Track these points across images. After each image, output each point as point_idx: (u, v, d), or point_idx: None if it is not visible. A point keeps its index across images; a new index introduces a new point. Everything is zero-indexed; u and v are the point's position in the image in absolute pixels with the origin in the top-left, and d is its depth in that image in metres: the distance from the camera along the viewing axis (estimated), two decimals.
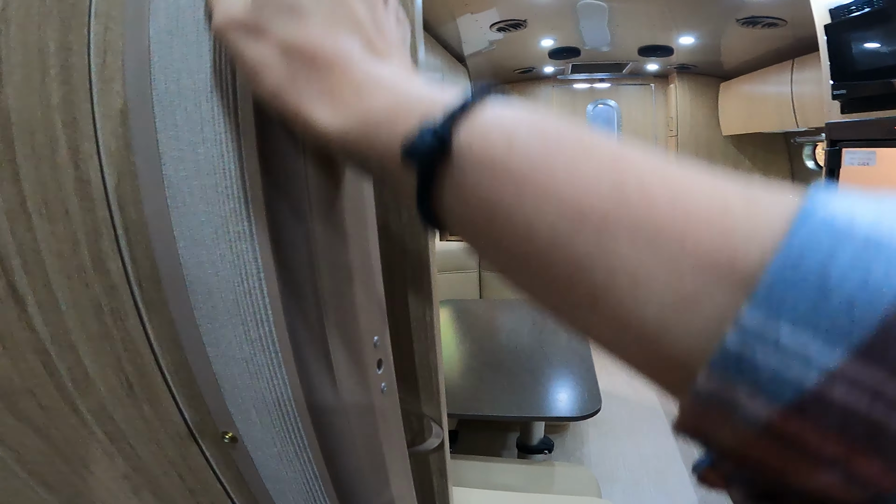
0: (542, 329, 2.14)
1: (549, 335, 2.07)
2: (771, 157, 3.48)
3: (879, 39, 1.34)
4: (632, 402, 2.82)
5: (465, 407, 1.53)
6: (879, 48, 1.35)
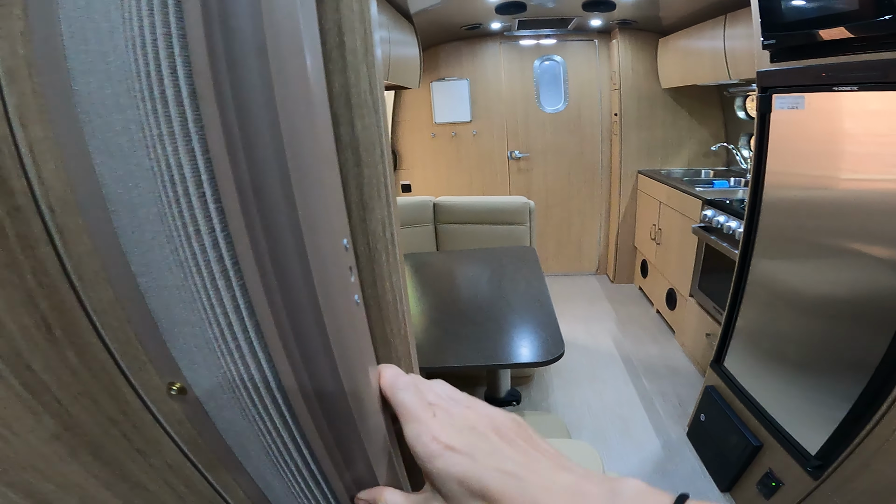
0: (500, 278, 2.16)
1: (509, 283, 2.09)
2: (706, 108, 3.62)
3: None
4: (591, 349, 2.93)
5: (430, 360, 1.52)
6: (805, 2, 1.40)
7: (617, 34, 3.49)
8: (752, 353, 1.77)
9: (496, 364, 1.49)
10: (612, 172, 3.87)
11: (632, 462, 2.01)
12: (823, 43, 1.34)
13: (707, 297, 2.50)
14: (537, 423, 1.56)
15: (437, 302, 2.05)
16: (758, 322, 1.75)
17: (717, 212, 2.40)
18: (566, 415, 2.32)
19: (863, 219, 1.25)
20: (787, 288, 1.58)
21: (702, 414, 2.01)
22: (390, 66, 2.33)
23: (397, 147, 3.96)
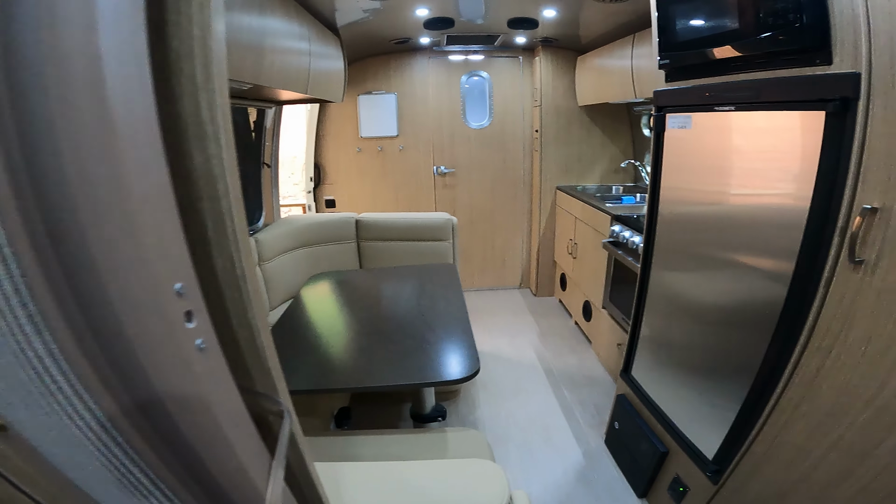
0: (420, 296, 2.14)
1: (428, 301, 2.08)
2: (617, 126, 3.86)
3: (697, 13, 1.49)
4: (515, 362, 2.97)
5: (347, 380, 1.48)
6: (696, 21, 1.50)
7: (540, 51, 3.62)
8: (655, 362, 1.86)
9: (411, 383, 1.47)
10: (533, 188, 3.99)
11: (556, 472, 2.04)
12: (710, 63, 1.43)
13: (617, 309, 2.62)
14: (459, 441, 1.53)
15: (357, 321, 1.99)
16: (658, 331, 1.85)
17: (624, 227, 2.52)
18: (493, 428, 2.32)
19: (745, 231, 1.35)
20: (680, 298, 1.67)
21: (616, 422, 2.08)
22: (310, 79, 2.25)
23: (321, 161, 3.84)
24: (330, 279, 2.47)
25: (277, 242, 2.65)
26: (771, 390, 1.23)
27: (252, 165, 2.82)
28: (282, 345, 1.72)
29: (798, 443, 1.16)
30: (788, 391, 1.18)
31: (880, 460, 0.95)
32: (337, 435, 1.57)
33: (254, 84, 1.76)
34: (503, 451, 2.17)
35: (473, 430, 1.59)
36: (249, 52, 1.59)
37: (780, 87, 1.19)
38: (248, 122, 2.83)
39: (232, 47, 1.46)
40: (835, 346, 1.04)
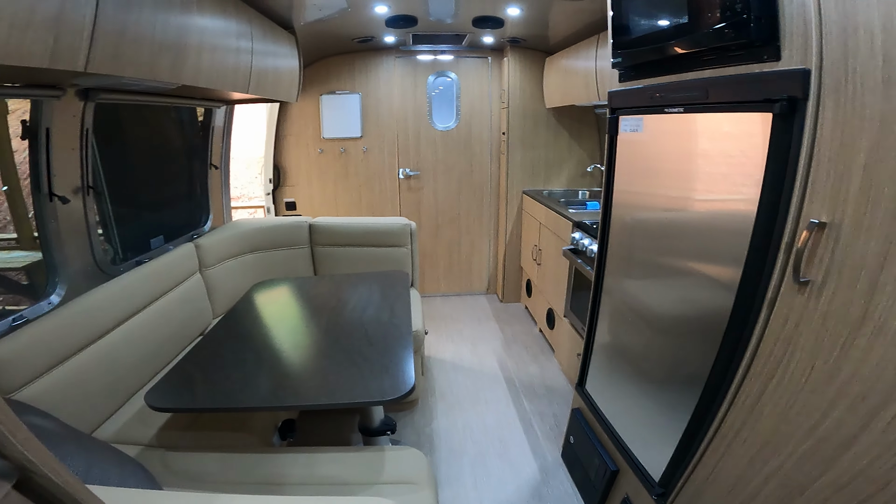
0: (366, 306, 1.99)
1: (373, 312, 1.93)
2: (583, 128, 3.74)
3: (648, 7, 1.37)
4: (476, 370, 2.83)
5: (268, 399, 1.35)
6: (648, 16, 1.38)
7: (508, 52, 3.49)
8: (609, 373, 1.75)
9: (333, 403, 1.35)
10: (500, 191, 3.86)
11: (509, 487, 1.92)
12: (661, 61, 1.32)
13: (577, 318, 2.51)
14: (396, 461, 1.41)
15: (293, 332, 1.84)
16: (612, 341, 1.73)
17: (584, 234, 2.39)
18: (448, 440, 2.18)
19: (695, 237, 1.24)
20: (634, 306, 1.56)
21: (571, 436, 1.96)
22: (251, 78, 2.08)
23: (281, 162, 3.65)
24: (274, 287, 2.30)
25: (222, 247, 2.47)
26: (715, 411, 1.12)
27: (199, 166, 2.63)
28: (206, 357, 1.57)
29: (737, 471, 1.06)
30: (731, 414, 1.08)
31: (819, 494, 0.84)
32: (268, 452, 1.44)
33: (177, 83, 1.59)
34: (457, 465, 2.04)
35: (414, 451, 1.47)
36: (166, 50, 1.43)
37: (727, 86, 1.08)
38: (195, 121, 2.64)
39: (138, 44, 1.30)
40: (777, 371, 0.93)
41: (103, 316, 1.65)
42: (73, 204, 1.65)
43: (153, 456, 1.45)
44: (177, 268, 2.13)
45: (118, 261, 1.97)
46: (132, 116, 2.21)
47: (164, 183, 2.48)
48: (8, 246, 2.63)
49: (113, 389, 1.66)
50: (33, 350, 1.36)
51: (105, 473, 1.04)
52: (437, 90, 3.74)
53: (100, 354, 1.60)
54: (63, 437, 1.11)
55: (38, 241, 1.63)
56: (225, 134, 2.73)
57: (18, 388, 1.30)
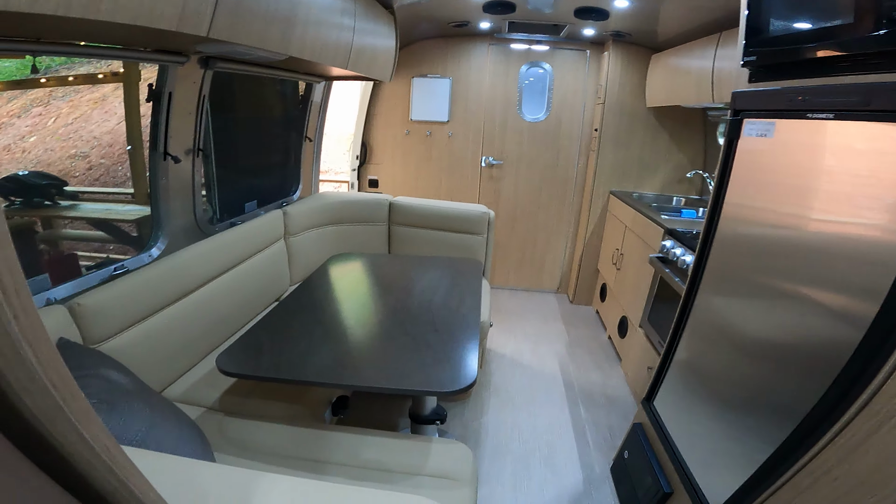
0: (435, 292, 1.97)
1: (441, 298, 1.90)
2: (687, 132, 3.45)
3: (795, 5, 1.20)
4: (535, 370, 2.76)
5: (325, 376, 1.36)
6: (794, 14, 1.22)
7: (609, 46, 3.31)
8: (682, 393, 1.62)
9: (391, 388, 1.31)
10: (585, 189, 3.70)
11: (549, 494, 1.86)
12: (806, 62, 1.16)
13: (654, 330, 2.35)
14: (441, 454, 1.38)
15: (360, 309, 1.88)
16: (694, 359, 1.60)
17: (676, 243, 2.24)
18: (494, 438, 2.15)
19: (819, 263, 1.08)
20: (727, 326, 1.42)
21: (626, 451, 1.85)
22: (352, 54, 2.12)
23: (369, 140, 3.75)
24: (349, 260, 2.37)
25: (307, 217, 2.58)
26: (809, 445, 0.99)
27: (295, 138, 2.76)
28: (276, 326, 1.64)
29: None
30: (827, 451, 0.94)
31: None
32: (317, 428, 1.46)
33: (285, 55, 1.65)
34: (499, 464, 2.00)
35: (461, 446, 1.43)
36: (277, 22, 1.48)
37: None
38: (297, 94, 2.76)
39: (253, 15, 1.35)
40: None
41: (193, 273, 1.76)
42: (182, 164, 1.79)
43: (212, 420, 1.51)
44: (265, 233, 2.25)
45: (215, 221, 2.12)
46: (242, 87, 2.35)
47: (262, 151, 2.63)
48: (125, 200, 2.92)
49: (189, 349, 1.74)
50: (125, 301, 1.46)
51: (163, 435, 1.09)
52: (528, 80, 3.62)
53: (183, 312, 1.69)
54: (134, 393, 1.16)
55: (149, 197, 1.79)
56: (321, 109, 2.83)
57: (104, 340, 1.39)
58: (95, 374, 1.12)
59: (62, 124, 4.83)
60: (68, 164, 4.42)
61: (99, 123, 4.71)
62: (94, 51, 1.35)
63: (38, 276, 1.37)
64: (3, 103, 4.84)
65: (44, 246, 2.82)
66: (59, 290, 1.40)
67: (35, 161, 4.45)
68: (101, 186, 3.87)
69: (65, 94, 5.12)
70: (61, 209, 2.75)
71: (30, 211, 2.71)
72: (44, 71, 3.93)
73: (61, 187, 2.86)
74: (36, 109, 4.93)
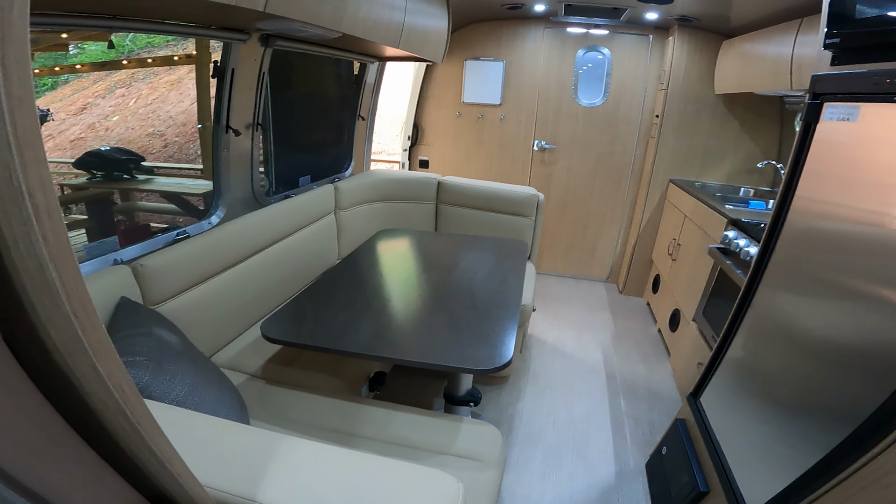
0: (477, 270, 1.96)
1: (483, 277, 1.89)
2: (760, 120, 3.20)
3: None
4: (576, 359, 2.70)
5: (362, 347, 1.35)
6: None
7: (675, 31, 3.13)
8: (732, 391, 1.54)
9: (424, 362, 1.30)
10: (643, 177, 3.54)
11: (577, 485, 1.82)
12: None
13: (708, 324, 2.23)
14: (470, 435, 1.37)
15: (403, 283, 1.89)
16: (748, 357, 1.51)
17: (740, 234, 2.11)
18: (528, 424, 2.13)
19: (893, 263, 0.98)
20: (789, 324, 1.32)
21: (664, 447, 1.78)
22: (403, 34, 2.12)
23: (420, 122, 3.76)
24: (396, 236, 2.40)
25: (357, 192, 2.64)
26: (864, 450, 0.91)
27: (349, 117, 2.82)
28: (320, 295, 1.68)
29: None
30: (883, 456, 0.87)
31: None
32: (352, 401, 1.48)
33: (338, 32, 1.68)
34: (529, 451, 1.98)
35: (491, 428, 1.41)
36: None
37: None
38: (351, 74, 2.81)
39: None
40: None
41: (246, 242, 1.84)
42: (242, 137, 1.88)
43: (253, 387, 1.56)
44: (316, 206, 2.33)
45: (270, 193, 2.22)
46: (301, 67, 2.42)
47: (317, 128, 2.72)
48: (195, 175, 3.12)
49: (238, 316, 1.82)
50: (183, 265, 1.54)
51: (203, 398, 1.12)
52: (587, 66, 3.49)
53: (235, 279, 1.77)
54: (181, 355, 1.19)
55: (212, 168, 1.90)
56: (375, 89, 2.87)
57: (163, 301, 1.47)
58: (149, 332, 1.18)
59: (142, 104, 5.21)
60: (146, 141, 4.77)
61: (174, 104, 5.03)
62: (165, 27, 1.44)
63: (108, 238, 1.49)
64: (89, 85, 5.28)
65: (120, 215, 3.07)
66: (127, 251, 1.52)
67: (117, 138, 4.83)
68: (175, 162, 4.15)
69: (145, 76, 5.50)
70: (137, 182, 2.97)
71: (109, 183, 2.95)
72: (126, 54, 4.24)
73: (139, 162, 3.08)
74: (119, 91, 5.34)
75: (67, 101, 4.84)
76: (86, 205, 2.70)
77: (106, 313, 1.22)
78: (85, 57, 4.00)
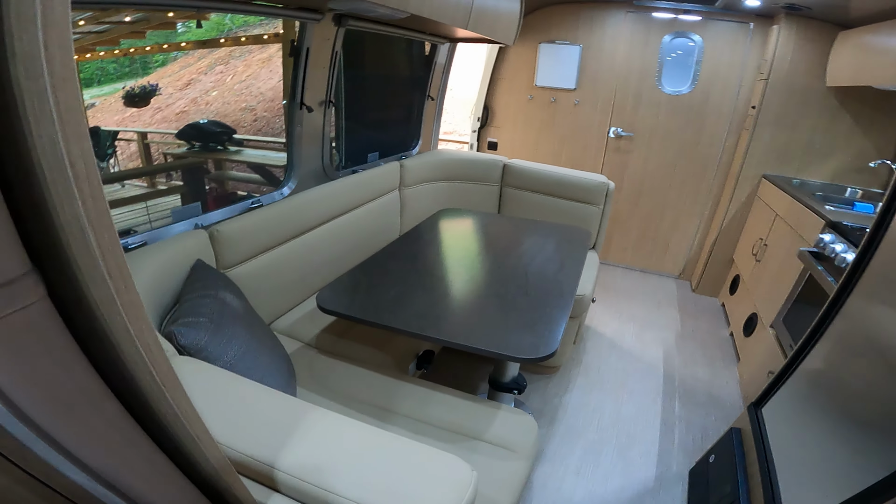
0: (534, 256, 1.90)
1: (538, 263, 1.83)
2: (878, 116, 2.80)
3: None
4: (633, 355, 2.58)
5: (414, 325, 1.34)
6: None
7: (781, 20, 2.81)
8: (800, 404, 1.41)
9: (467, 345, 1.28)
10: (731, 171, 3.25)
11: (612, 485, 1.75)
12: None
13: (787, 332, 2.05)
14: (505, 422, 1.34)
15: (456, 263, 1.87)
16: (822, 369, 1.37)
17: (838, 238, 1.91)
18: (573, 417, 2.08)
19: None
20: (882, 337, 1.17)
21: (713, 454, 1.68)
22: (472, 14, 2.07)
23: (491, 104, 3.70)
24: (456, 216, 2.40)
25: (422, 171, 2.67)
26: None
27: (419, 96, 2.85)
28: (374, 269, 1.72)
29: None
30: None
31: None
32: (394, 377, 1.50)
33: (405, 12, 1.68)
34: (568, 445, 1.93)
35: (528, 418, 1.38)
36: None
37: None
38: (423, 55, 2.82)
39: None
40: None
41: (313, 213, 1.93)
42: (315, 114, 1.97)
43: (306, 355, 1.60)
44: (381, 182, 2.39)
45: (339, 167, 2.31)
46: (373, 46, 2.47)
47: (388, 106, 2.77)
48: (279, 148, 3.33)
49: (301, 284, 1.88)
50: (254, 232, 1.63)
51: (255, 361, 1.15)
52: (676, 53, 3.23)
53: (300, 248, 1.85)
54: (241, 318, 1.22)
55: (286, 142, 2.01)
56: (445, 70, 2.86)
57: (234, 265, 1.57)
58: (215, 295, 1.23)
59: (237, 81, 5.60)
60: (239, 115, 5.14)
61: (265, 81, 5.35)
62: (241, 7, 1.53)
63: (192, 204, 1.63)
64: (194, 61, 5.73)
65: (211, 183, 3.36)
66: (208, 216, 1.65)
67: (214, 112, 5.25)
68: (262, 135, 4.45)
69: (241, 54, 5.89)
70: (228, 153, 3.22)
71: (204, 153, 3.23)
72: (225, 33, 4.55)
73: (230, 134, 3.34)
74: (218, 68, 5.77)
75: (175, 77, 5.33)
76: (181, 172, 2.98)
77: (182, 273, 1.33)
78: (191, 35, 4.36)
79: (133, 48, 3.10)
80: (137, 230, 1.47)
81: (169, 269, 1.29)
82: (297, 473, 0.77)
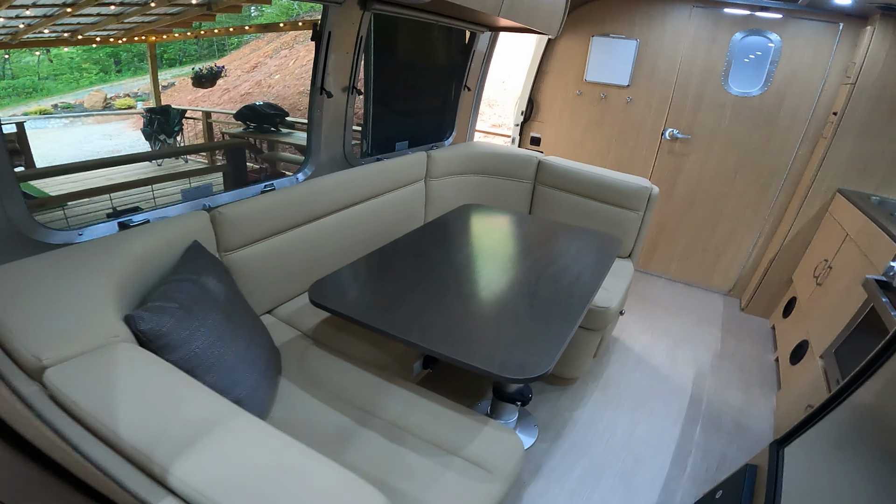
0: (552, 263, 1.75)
1: (553, 272, 1.66)
2: None
3: None
4: (659, 373, 2.38)
5: (400, 330, 1.25)
6: None
7: (876, 20, 2.46)
8: (832, 444, 1.23)
9: (454, 359, 1.16)
10: (801, 182, 2.90)
11: None
12: None
13: (836, 366, 1.81)
14: (488, 440, 1.24)
15: (463, 266, 1.72)
16: (872, 406, 1.17)
17: None
18: (581, 436, 1.92)
19: None
20: None
21: (721, 490, 1.50)
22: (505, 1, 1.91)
23: (537, 97, 3.52)
24: (476, 212, 2.29)
25: (451, 163, 2.58)
26: None
27: (455, 86, 2.75)
28: (375, 263, 1.64)
29: None
30: None
31: None
32: (384, 379, 1.41)
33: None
34: (568, 464, 1.79)
35: (514, 438, 1.27)
36: None
37: None
38: (461, 43, 2.72)
39: None
40: None
41: (328, 200, 1.87)
42: (336, 99, 1.94)
43: (301, 344, 1.54)
44: (406, 172, 2.32)
45: (364, 154, 2.28)
46: (407, 32, 2.41)
47: (420, 95, 2.71)
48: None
49: (308, 272, 1.80)
50: (261, 217, 1.58)
51: (225, 350, 1.09)
52: (755, 54, 2.91)
53: (310, 235, 1.79)
54: (217, 305, 1.15)
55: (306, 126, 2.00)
56: (485, 60, 2.74)
57: (235, 248, 1.51)
58: (195, 280, 1.17)
59: (299, 65, 5.76)
60: (296, 99, 5.29)
61: None
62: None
63: (204, 184, 1.63)
64: (263, 45, 5.95)
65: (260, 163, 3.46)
66: (219, 197, 1.63)
67: (275, 95, 5.43)
68: None
69: (304, 39, 6.04)
70: (279, 135, 3.31)
71: (257, 134, 3.34)
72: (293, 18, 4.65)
73: (283, 117, 3.42)
74: (283, 52, 5.95)
75: (244, 60, 5.57)
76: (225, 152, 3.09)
77: (177, 254, 1.30)
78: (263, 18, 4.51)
79: (203, 31, 3.23)
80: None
81: (163, 249, 1.28)
82: (190, 482, 0.71)
